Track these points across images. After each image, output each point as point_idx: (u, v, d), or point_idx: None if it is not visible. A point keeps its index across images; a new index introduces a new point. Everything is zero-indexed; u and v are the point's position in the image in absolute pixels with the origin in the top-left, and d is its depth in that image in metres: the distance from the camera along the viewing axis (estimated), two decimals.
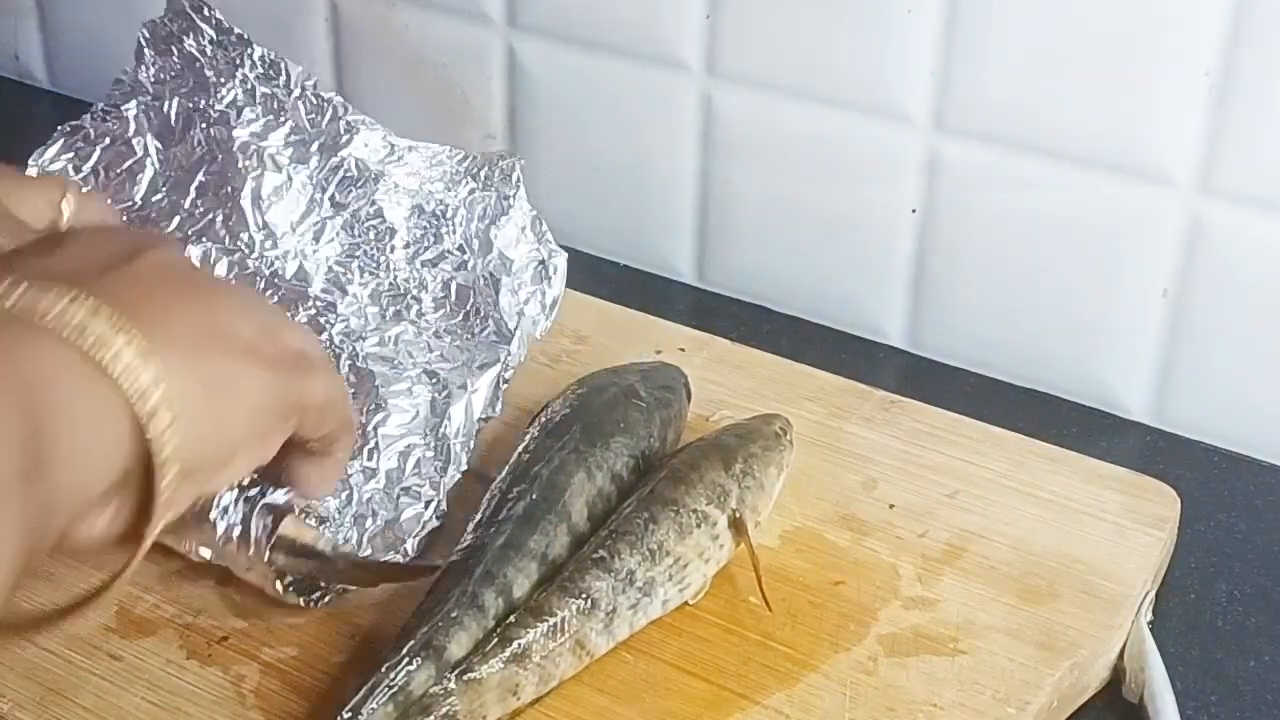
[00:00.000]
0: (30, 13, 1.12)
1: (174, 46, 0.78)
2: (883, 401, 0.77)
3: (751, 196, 0.88)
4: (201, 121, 0.76)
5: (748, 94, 0.85)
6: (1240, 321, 0.77)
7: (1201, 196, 0.75)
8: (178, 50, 0.78)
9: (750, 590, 0.64)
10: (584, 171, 0.93)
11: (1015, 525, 0.69)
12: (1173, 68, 0.74)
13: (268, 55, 0.76)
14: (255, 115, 0.75)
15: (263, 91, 0.76)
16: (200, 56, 0.77)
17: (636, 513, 0.63)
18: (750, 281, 0.90)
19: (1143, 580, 0.67)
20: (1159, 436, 0.80)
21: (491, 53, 0.93)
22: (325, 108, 0.76)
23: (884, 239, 0.85)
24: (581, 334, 0.82)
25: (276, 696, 0.60)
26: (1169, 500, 0.71)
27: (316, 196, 0.74)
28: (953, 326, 0.85)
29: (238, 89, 0.76)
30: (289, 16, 1.00)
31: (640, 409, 0.69)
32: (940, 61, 0.79)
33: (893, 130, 0.82)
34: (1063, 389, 0.83)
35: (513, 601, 0.60)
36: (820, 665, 0.62)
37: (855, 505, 0.70)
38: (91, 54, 1.11)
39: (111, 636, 0.63)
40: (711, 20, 0.85)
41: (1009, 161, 0.79)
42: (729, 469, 0.65)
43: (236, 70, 0.76)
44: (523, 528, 0.62)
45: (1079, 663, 0.63)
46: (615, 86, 0.89)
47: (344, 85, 0.99)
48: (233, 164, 0.74)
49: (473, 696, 0.57)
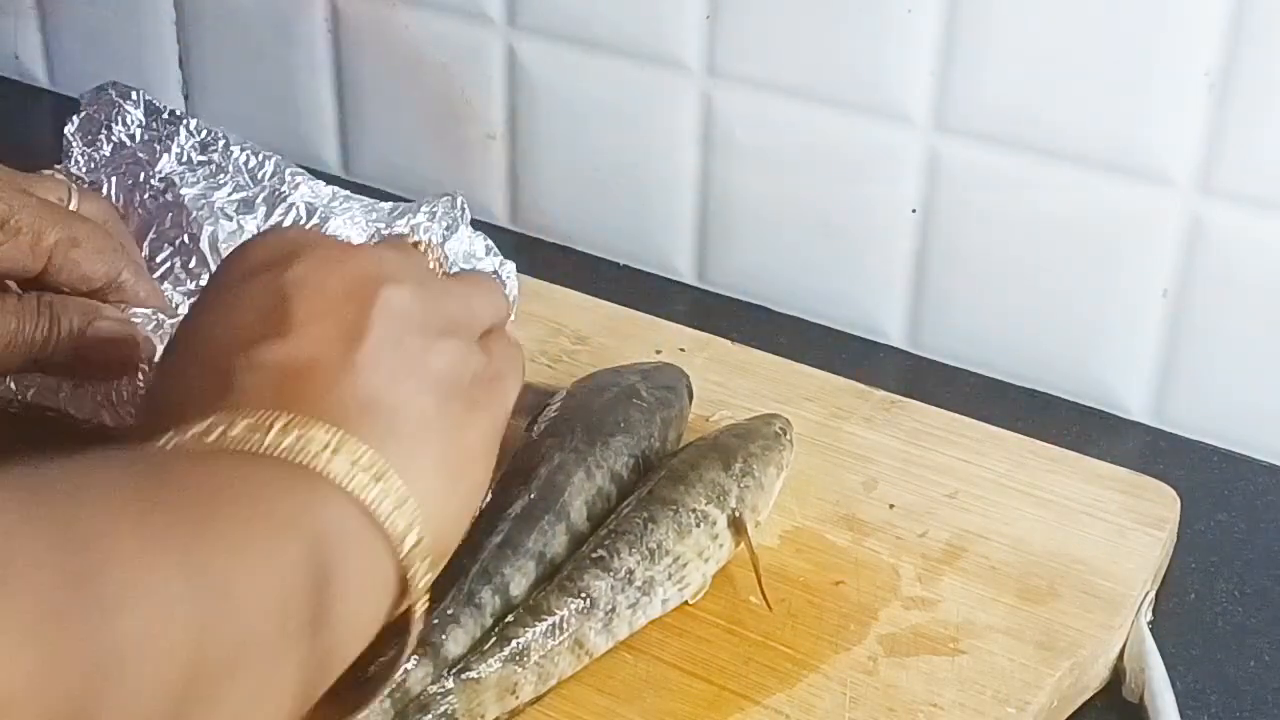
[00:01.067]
0: (30, 13, 1.13)
1: (103, 134, 0.78)
2: (883, 401, 0.77)
3: (751, 196, 0.88)
4: (141, 194, 0.76)
5: (748, 94, 0.85)
6: (1240, 321, 0.77)
7: (1201, 196, 0.75)
8: (107, 137, 0.78)
9: (750, 590, 0.64)
10: (584, 171, 0.93)
11: (1015, 525, 0.69)
12: (1173, 68, 0.74)
13: (202, 127, 0.77)
14: (196, 179, 0.76)
15: (200, 159, 0.77)
16: (130, 141, 0.78)
17: (635, 512, 0.63)
18: (750, 281, 0.90)
19: (1143, 580, 0.67)
20: (1159, 436, 0.80)
21: (491, 53, 0.93)
22: (265, 163, 0.77)
23: (884, 239, 0.85)
24: (581, 334, 0.82)
25: None
26: (1169, 500, 0.71)
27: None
28: (953, 326, 0.85)
29: (173, 162, 0.77)
30: (289, 16, 1.00)
31: (641, 409, 0.68)
32: (940, 61, 0.79)
33: (893, 130, 0.82)
34: (1063, 389, 0.83)
35: (510, 600, 0.60)
36: (820, 665, 0.62)
37: (855, 505, 0.70)
38: (91, 54, 1.11)
39: None
40: (711, 20, 0.85)
41: (1009, 161, 0.79)
42: (728, 468, 0.65)
43: (171, 145, 0.77)
44: (520, 527, 0.62)
45: (1079, 663, 0.63)
46: (615, 86, 0.89)
47: (344, 85, 1.00)
48: (186, 216, 0.75)
49: (471, 696, 0.57)
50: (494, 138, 0.95)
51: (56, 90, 1.14)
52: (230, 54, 1.04)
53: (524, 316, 0.83)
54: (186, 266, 0.74)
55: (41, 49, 1.13)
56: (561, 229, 0.96)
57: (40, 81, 1.14)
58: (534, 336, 0.81)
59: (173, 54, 1.07)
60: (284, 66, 1.02)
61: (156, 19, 1.06)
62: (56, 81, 1.14)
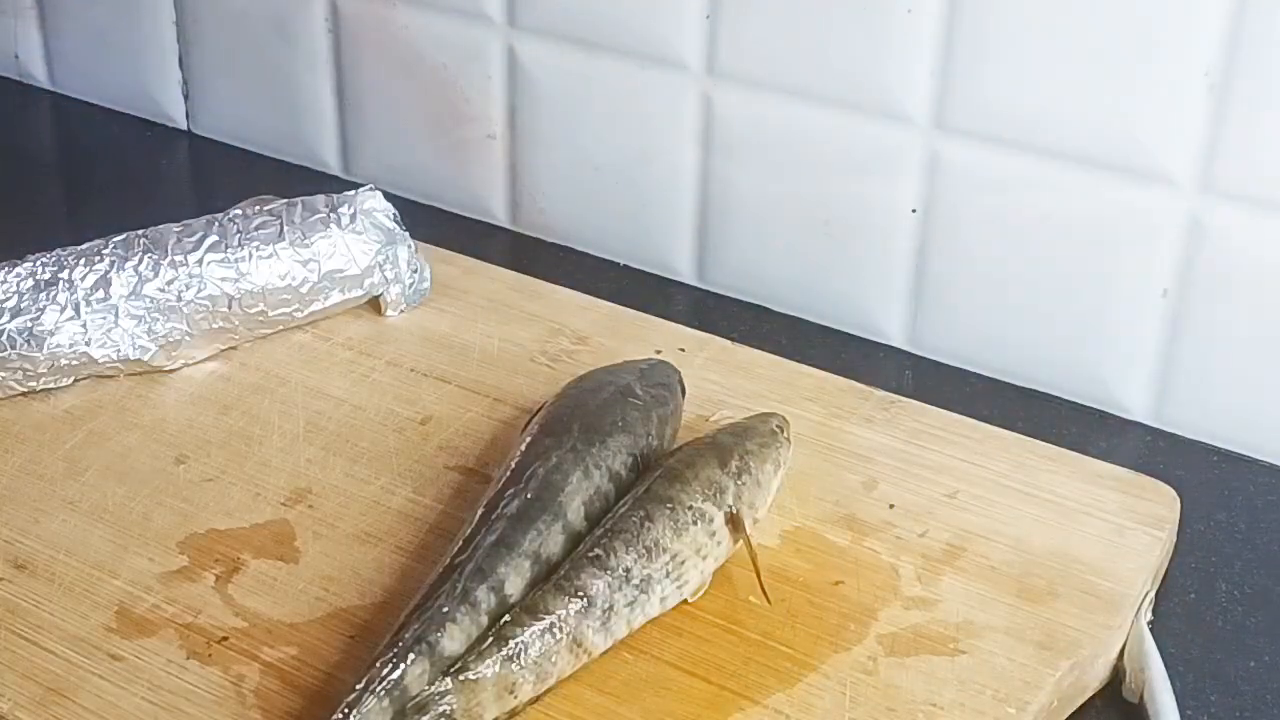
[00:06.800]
0: (30, 13, 1.13)
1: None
2: (883, 401, 0.77)
3: (751, 196, 0.88)
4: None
5: (748, 94, 0.85)
6: (1240, 321, 0.77)
7: (1201, 196, 0.75)
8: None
9: (750, 590, 0.64)
10: (584, 171, 0.93)
11: (1015, 525, 0.69)
12: (1172, 68, 0.74)
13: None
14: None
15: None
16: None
17: (632, 511, 0.63)
18: (750, 281, 0.90)
19: (1142, 580, 0.67)
20: (1159, 436, 0.80)
21: (491, 53, 0.93)
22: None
23: (884, 239, 0.85)
24: (581, 334, 0.82)
25: (276, 696, 0.60)
26: (1169, 500, 0.71)
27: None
28: (953, 326, 0.85)
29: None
30: (289, 16, 1.00)
31: (638, 407, 0.68)
32: (940, 61, 0.79)
33: (893, 130, 0.82)
34: (1063, 389, 0.83)
35: (505, 598, 0.60)
36: (820, 665, 0.62)
37: (855, 505, 0.70)
38: (91, 54, 1.11)
39: (111, 636, 0.63)
40: (711, 20, 0.85)
41: (1009, 161, 0.79)
42: (725, 466, 0.65)
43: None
44: (516, 525, 0.62)
45: (1079, 663, 0.63)
46: (615, 86, 0.89)
47: (344, 85, 1.00)
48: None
49: (469, 695, 0.57)
50: (494, 138, 0.95)
51: (56, 90, 1.14)
52: (230, 54, 1.04)
53: (524, 316, 0.83)
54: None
55: (41, 49, 1.13)
56: (561, 229, 0.96)
57: (40, 81, 1.14)
58: (534, 336, 0.81)
59: (173, 54, 1.07)
60: (284, 66, 1.02)
61: (156, 19, 1.06)
62: (56, 81, 1.14)
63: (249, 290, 0.78)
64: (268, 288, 0.78)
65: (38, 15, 1.12)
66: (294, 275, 0.79)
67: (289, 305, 0.79)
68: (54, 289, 0.76)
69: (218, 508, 0.69)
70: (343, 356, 0.80)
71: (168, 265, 0.77)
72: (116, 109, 1.11)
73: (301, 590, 0.65)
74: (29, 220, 0.99)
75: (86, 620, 0.63)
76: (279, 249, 0.79)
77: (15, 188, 1.04)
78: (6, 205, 1.01)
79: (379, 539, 0.68)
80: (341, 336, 0.81)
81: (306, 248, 0.79)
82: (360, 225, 0.80)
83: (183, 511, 0.69)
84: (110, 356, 0.76)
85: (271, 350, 0.80)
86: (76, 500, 0.70)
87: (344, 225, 0.80)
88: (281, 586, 0.65)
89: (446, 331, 0.82)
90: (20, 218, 0.99)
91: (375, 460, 0.73)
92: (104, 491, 0.70)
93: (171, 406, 0.76)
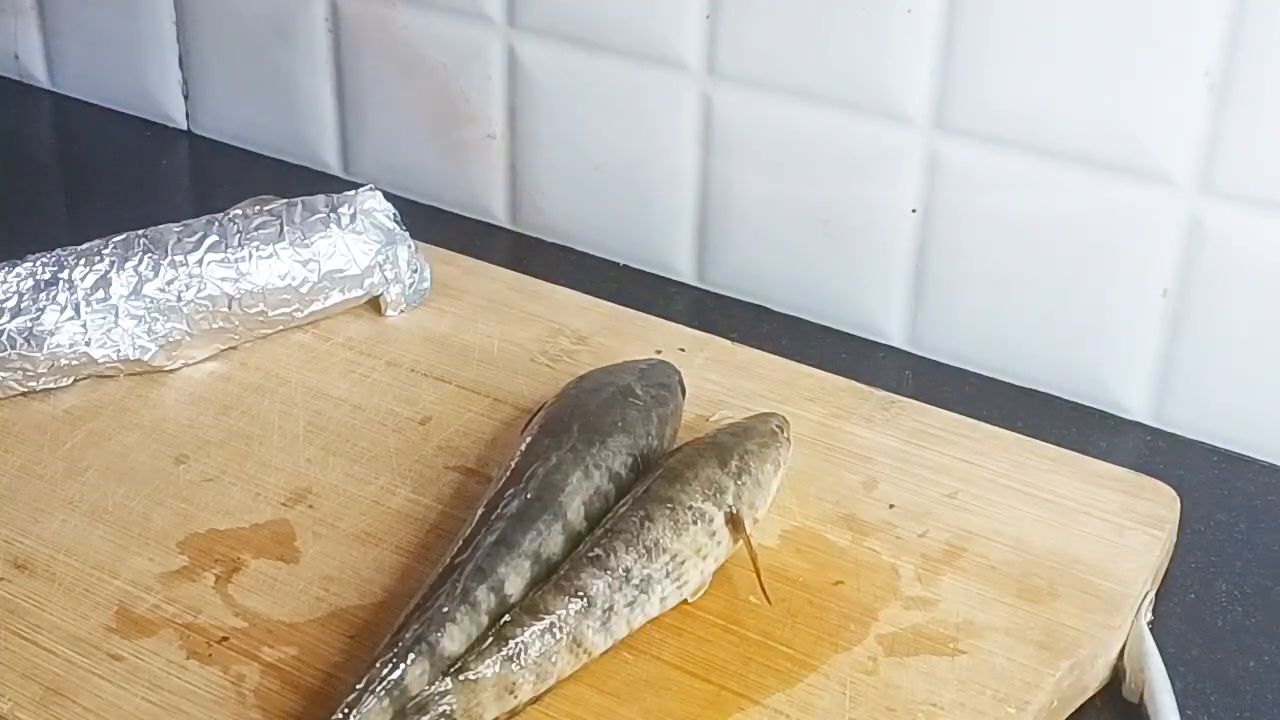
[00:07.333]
0: (30, 13, 1.13)
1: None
2: (883, 401, 0.77)
3: (751, 196, 0.88)
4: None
5: (748, 94, 0.85)
6: (1240, 321, 0.77)
7: (1201, 196, 0.75)
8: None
9: (750, 590, 0.64)
10: (584, 171, 0.93)
11: (1015, 525, 0.69)
12: (1173, 68, 0.74)
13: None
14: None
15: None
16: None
17: (632, 511, 0.63)
18: (750, 281, 0.90)
19: (1142, 580, 0.67)
20: (1159, 436, 0.80)
21: (491, 53, 0.93)
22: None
23: (884, 239, 0.85)
24: (581, 334, 0.82)
25: (276, 696, 0.60)
26: (1169, 500, 0.71)
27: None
28: (953, 326, 0.85)
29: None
30: (289, 16, 1.00)
31: (638, 407, 0.68)
32: (940, 61, 0.79)
33: (893, 130, 0.82)
34: (1063, 389, 0.83)
35: (505, 598, 0.60)
36: (820, 665, 0.62)
37: (855, 505, 0.70)
38: (91, 54, 1.11)
39: (111, 636, 0.63)
40: (711, 20, 0.85)
41: (1009, 161, 0.79)
42: (725, 466, 0.65)
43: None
44: (516, 525, 0.62)
45: (1079, 663, 0.63)
46: (615, 86, 0.89)
47: (344, 85, 1.00)
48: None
49: (469, 695, 0.57)
50: (494, 138, 0.95)
51: (56, 90, 1.14)
52: (230, 54, 1.04)
53: (524, 316, 0.83)
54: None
55: (41, 49, 1.13)
56: (561, 229, 0.96)
57: (40, 81, 1.14)
58: (534, 336, 0.81)
59: (173, 54, 1.07)
60: (284, 66, 1.02)
61: (156, 19, 1.06)
62: (56, 81, 1.14)
63: (249, 290, 0.78)
64: (268, 288, 0.79)
65: (38, 15, 1.12)
66: (294, 275, 0.79)
67: (289, 305, 0.79)
68: (54, 289, 0.76)
69: (218, 508, 0.69)
70: (343, 356, 0.80)
71: (168, 265, 0.77)
72: (116, 109, 1.11)
73: (301, 590, 0.65)
74: (29, 220, 0.99)
75: (86, 620, 0.63)
76: (279, 249, 0.79)
77: (15, 188, 1.04)
78: (6, 205, 1.01)
79: (379, 539, 0.68)
80: (341, 336, 0.81)
81: (306, 248, 0.79)
82: (360, 225, 0.80)
83: (183, 511, 0.69)
84: (110, 356, 0.76)
85: (271, 350, 0.80)
86: (76, 500, 0.70)
87: (344, 225, 0.80)
88: (281, 586, 0.65)
89: (446, 331, 0.82)
90: (20, 218, 0.99)
91: (375, 460, 0.73)
92: (104, 491, 0.70)
93: (171, 406, 0.76)
